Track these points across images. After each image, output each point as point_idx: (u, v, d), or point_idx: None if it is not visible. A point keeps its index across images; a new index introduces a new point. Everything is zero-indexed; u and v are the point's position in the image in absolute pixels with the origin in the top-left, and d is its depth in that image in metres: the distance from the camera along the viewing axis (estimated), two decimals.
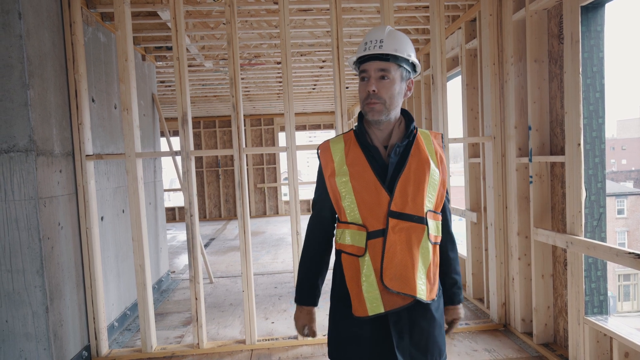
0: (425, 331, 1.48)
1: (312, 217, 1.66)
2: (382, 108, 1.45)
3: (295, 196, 3.44)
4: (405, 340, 1.46)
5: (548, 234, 3.05)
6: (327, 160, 1.55)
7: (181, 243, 8.59)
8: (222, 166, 12.18)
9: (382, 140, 1.52)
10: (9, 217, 2.78)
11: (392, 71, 1.44)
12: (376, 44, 1.44)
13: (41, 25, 2.95)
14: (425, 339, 1.48)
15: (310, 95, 9.27)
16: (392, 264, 1.43)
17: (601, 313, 2.90)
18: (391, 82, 1.45)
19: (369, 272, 1.45)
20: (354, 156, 1.49)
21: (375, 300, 1.44)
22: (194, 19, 4.12)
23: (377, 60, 1.44)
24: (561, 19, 3.01)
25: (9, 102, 2.75)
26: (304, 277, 1.67)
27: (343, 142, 1.55)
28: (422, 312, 1.48)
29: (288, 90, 3.40)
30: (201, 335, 3.43)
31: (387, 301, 1.44)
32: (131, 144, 3.32)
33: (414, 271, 1.44)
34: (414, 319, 1.47)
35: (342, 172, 1.49)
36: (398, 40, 1.46)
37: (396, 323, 1.46)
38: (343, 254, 1.53)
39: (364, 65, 1.47)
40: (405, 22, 4.62)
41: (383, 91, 1.44)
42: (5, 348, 2.82)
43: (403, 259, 1.43)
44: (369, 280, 1.45)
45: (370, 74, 1.45)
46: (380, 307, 1.44)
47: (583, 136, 2.78)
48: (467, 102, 4.27)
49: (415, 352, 1.47)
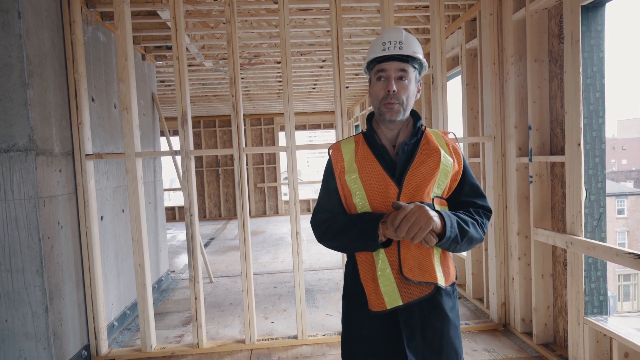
0: (438, 331, 1.47)
1: (317, 211, 1.62)
2: (400, 108, 1.48)
3: (295, 196, 3.44)
4: (417, 340, 1.45)
5: (548, 233, 3.05)
6: (337, 159, 1.58)
7: (181, 242, 8.59)
8: (222, 166, 12.18)
9: (391, 139, 1.55)
10: (9, 216, 2.78)
11: (409, 72, 1.49)
12: (396, 44, 1.47)
13: (41, 24, 2.95)
14: (439, 339, 1.47)
15: (310, 95, 9.26)
16: (408, 254, 1.44)
17: (601, 313, 2.90)
18: (409, 82, 1.49)
19: (385, 265, 1.46)
20: (363, 154, 1.52)
21: (392, 293, 1.45)
22: (194, 18, 4.11)
23: (396, 61, 1.47)
24: (561, 19, 3.01)
25: (9, 101, 2.75)
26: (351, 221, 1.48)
27: (354, 143, 1.58)
28: (436, 311, 1.47)
29: (288, 89, 3.40)
30: (201, 335, 3.43)
31: (404, 293, 1.44)
32: (131, 144, 3.32)
33: (431, 260, 1.45)
34: (427, 318, 1.47)
35: (352, 169, 1.51)
36: (414, 43, 1.51)
37: (407, 321, 1.45)
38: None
39: (382, 65, 1.49)
40: (405, 22, 4.62)
41: (402, 91, 1.48)
42: (5, 347, 2.82)
43: (418, 249, 1.44)
44: (385, 273, 1.46)
45: (390, 74, 1.48)
46: (398, 299, 1.44)
47: (583, 136, 2.78)
48: (467, 102, 4.27)
49: (429, 352, 1.46)
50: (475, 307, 4.15)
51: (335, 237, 1.51)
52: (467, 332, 3.58)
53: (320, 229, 1.57)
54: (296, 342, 3.52)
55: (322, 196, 1.63)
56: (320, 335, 3.60)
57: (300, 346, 3.49)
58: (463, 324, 3.65)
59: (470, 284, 4.29)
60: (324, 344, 3.49)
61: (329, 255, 6.74)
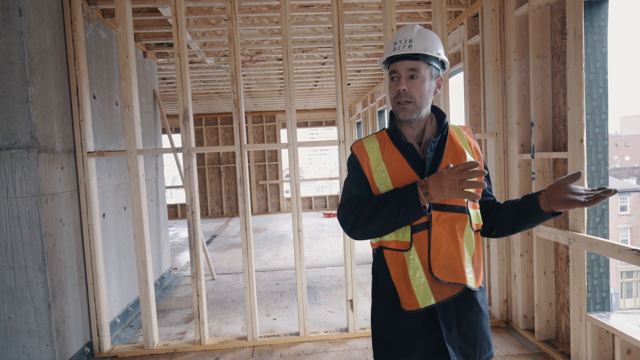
0: (472, 323, 1.49)
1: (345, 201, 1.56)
2: (413, 107, 1.47)
3: (296, 193, 3.44)
4: (454, 333, 1.47)
5: (550, 230, 3.04)
6: (362, 156, 1.55)
7: (183, 240, 8.61)
8: (224, 163, 12.19)
9: (416, 137, 1.54)
10: (11, 213, 2.79)
11: (421, 70, 1.46)
12: (405, 43, 1.46)
13: (42, 21, 2.95)
14: (473, 331, 1.49)
15: (311, 92, 9.25)
16: (439, 255, 1.44)
17: (603, 310, 2.89)
18: (421, 80, 1.46)
19: (417, 265, 1.46)
20: (390, 154, 1.50)
21: (425, 293, 1.45)
22: (195, 15, 4.11)
23: (406, 60, 1.46)
24: (564, 14, 2.99)
25: (10, 99, 2.75)
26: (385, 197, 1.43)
27: (377, 142, 1.56)
28: (469, 305, 1.49)
29: (289, 87, 3.39)
30: (203, 332, 3.44)
31: (437, 292, 1.45)
32: (132, 141, 3.32)
33: (462, 260, 1.45)
34: (461, 311, 1.48)
35: (380, 169, 1.50)
36: (427, 39, 1.47)
37: (444, 315, 1.46)
38: (386, 250, 1.52)
39: (393, 65, 1.48)
40: (407, 18, 4.60)
41: (413, 90, 1.46)
42: (8, 344, 2.83)
43: (449, 250, 1.44)
44: (417, 273, 1.46)
45: (400, 74, 1.47)
46: (431, 298, 1.45)
47: (586, 132, 2.76)
48: (469, 99, 4.25)
49: (464, 344, 1.47)
50: None
51: (372, 218, 1.44)
52: None
53: (352, 216, 1.49)
54: (298, 339, 3.52)
55: (350, 189, 1.56)
56: (322, 332, 3.60)
57: (302, 343, 3.49)
58: None
59: None
60: (326, 341, 3.50)
61: (330, 252, 6.75)
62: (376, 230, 1.46)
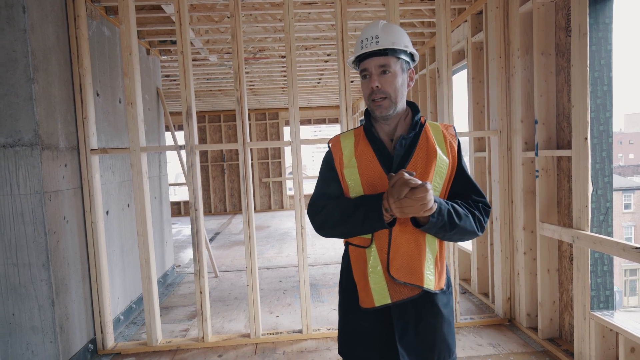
0: (431, 327, 1.47)
1: (314, 200, 1.59)
2: (388, 103, 1.45)
3: (299, 190, 3.44)
4: (410, 335, 1.45)
5: (554, 228, 3.03)
6: (336, 152, 1.56)
7: (186, 237, 8.63)
8: (227, 160, 12.20)
9: (389, 133, 1.53)
10: (15, 211, 2.80)
11: (392, 65, 1.45)
12: (372, 40, 1.45)
13: (45, 19, 2.95)
14: (432, 335, 1.47)
15: (315, 89, 9.24)
16: (398, 254, 1.43)
17: (607, 308, 2.88)
18: (393, 75, 1.45)
19: (376, 263, 1.45)
20: (362, 149, 1.51)
21: (382, 291, 1.45)
22: (198, 12, 4.10)
23: (376, 57, 1.44)
24: (569, 11, 2.97)
25: (14, 96, 2.76)
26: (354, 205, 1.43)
27: (353, 137, 1.56)
28: (429, 307, 1.47)
29: (293, 84, 3.38)
30: (206, 329, 3.45)
31: (394, 292, 1.44)
32: (136, 138, 3.32)
33: (421, 261, 1.43)
34: (420, 314, 1.46)
35: (351, 164, 1.50)
36: (393, 33, 1.46)
37: (400, 317, 1.45)
38: (350, 246, 1.55)
39: (363, 64, 1.47)
40: (410, 15, 4.58)
41: (387, 85, 1.44)
42: (12, 341, 2.85)
43: (409, 250, 1.43)
44: (376, 271, 1.45)
45: (371, 71, 1.46)
46: (387, 297, 1.44)
47: (590, 130, 2.75)
48: (473, 96, 4.24)
49: (422, 348, 1.45)
50: (480, 301, 4.14)
51: (337, 225, 1.47)
52: (472, 326, 3.58)
53: (318, 217, 1.52)
54: (301, 336, 3.53)
55: (320, 186, 1.60)
56: (325, 330, 3.61)
57: (305, 340, 3.50)
58: (468, 319, 3.65)
59: (476, 278, 4.28)
60: (329, 339, 3.50)
61: (333, 249, 6.75)
62: (341, 234, 1.51)
